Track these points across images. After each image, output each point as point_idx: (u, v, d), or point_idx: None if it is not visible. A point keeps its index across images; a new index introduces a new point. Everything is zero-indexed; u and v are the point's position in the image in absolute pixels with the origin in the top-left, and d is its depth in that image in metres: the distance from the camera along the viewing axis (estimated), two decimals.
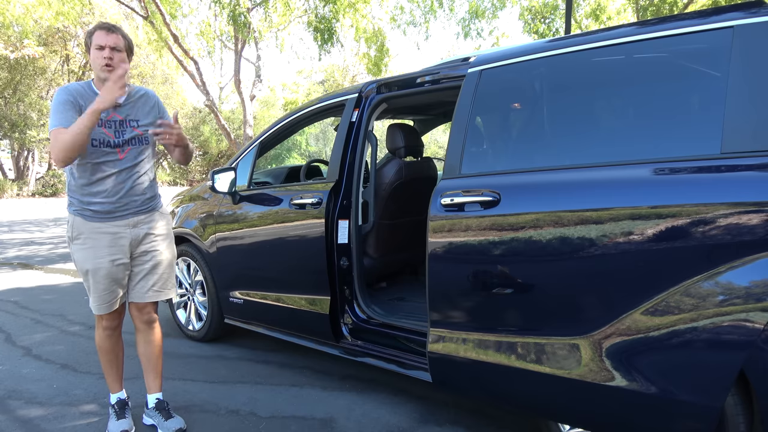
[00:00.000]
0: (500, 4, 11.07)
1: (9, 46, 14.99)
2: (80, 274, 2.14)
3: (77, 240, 2.10)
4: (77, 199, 2.08)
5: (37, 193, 20.12)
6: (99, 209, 2.07)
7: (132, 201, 2.13)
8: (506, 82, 1.97)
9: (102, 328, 2.22)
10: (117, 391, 2.30)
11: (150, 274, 2.21)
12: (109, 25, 2.04)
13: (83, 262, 2.10)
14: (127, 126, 2.10)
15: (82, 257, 2.09)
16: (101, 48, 1.99)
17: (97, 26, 2.04)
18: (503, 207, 1.74)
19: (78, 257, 2.11)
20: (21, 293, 4.80)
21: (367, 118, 2.59)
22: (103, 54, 1.99)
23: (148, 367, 2.31)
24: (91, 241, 2.08)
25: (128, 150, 2.10)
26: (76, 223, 2.09)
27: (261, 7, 9.41)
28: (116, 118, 2.08)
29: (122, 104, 2.09)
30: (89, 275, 2.10)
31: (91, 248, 2.08)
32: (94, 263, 2.08)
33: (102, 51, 2.00)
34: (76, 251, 2.11)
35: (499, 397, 1.87)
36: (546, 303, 1.67)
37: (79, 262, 2.11)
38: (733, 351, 1.34)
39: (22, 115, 19.02)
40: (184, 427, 2.22)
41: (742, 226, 1.33)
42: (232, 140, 9.60)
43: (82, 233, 2.08)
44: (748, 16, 1.48)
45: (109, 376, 2.29)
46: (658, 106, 1.61)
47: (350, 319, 2.58)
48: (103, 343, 2.24)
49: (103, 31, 2.01)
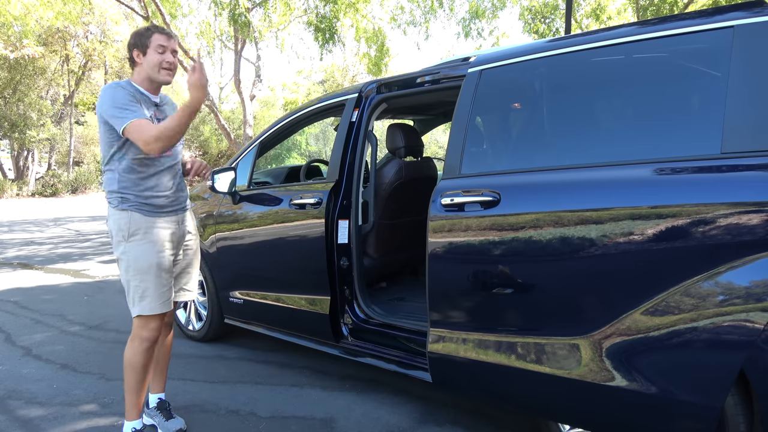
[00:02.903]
0: (500, 4, 11.07)
1: (9, 46, 14.99)
2: (136, 272, 2.01)
3: (135, 236, 2.02)
4: (134, 194, 2.02)
5: (36, 193, 20.11)
6: (158, 203, 2.06)
7: (180, 197, 2.17)
8: (506, 82, 1.97)
9: (141, 339, 2.03)
10: (135, 417, 2.09)
11: (183, 272, 2.24)
12: (168, 30, 2.08)
13: (144, 258, 2.00)
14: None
15: (145, 252, 2.01)
16: (163, 50, 2.01)
17: (152, 28, 2.05)
18: (503, 207, 1.74)
19: (137, 253, 2.01)
20: (21, 293, 4.80)
21: (367, 118, 2.59)
22: (166, 57, 2.03)
23: (156, 368, 2.30)
24: (151, 235, 2.03)
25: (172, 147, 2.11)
26: (134, 219, 2.02)
27: (261, 7, 9.41)
28: (159, 117, 2.10)
29: (159, 104, 2.13)
30: (151, 271, 2.01)
31: (153, 242, 2.03)
32: (158, 257, 2.03)
33: (164, 54, 2.02)
34: (134, 248, 2.01)
35: (499, 397, 1.87)
36: (546, 303, 1.67)
37: (138, 258, 2.00)
38: (733, 351, 1.34)
39: (22, 115, 19.00)
40: (184, 427, 2.22)
41: (742, 226, 1.33)
42: (232, 140, 9.61)
43: (140, 228, 2.02)
44: (749, 16, 1.48)
45: (133, 398, 2.06)
46: (659, 106, 1.61)
47: (350, 319, 2.57)
48: (139, 358, 2.03)
49: (163, 35, 2.03)
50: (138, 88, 2.05)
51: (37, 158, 22.21)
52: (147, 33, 2.03)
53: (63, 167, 23.42)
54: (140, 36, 2.03)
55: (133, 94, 1.99)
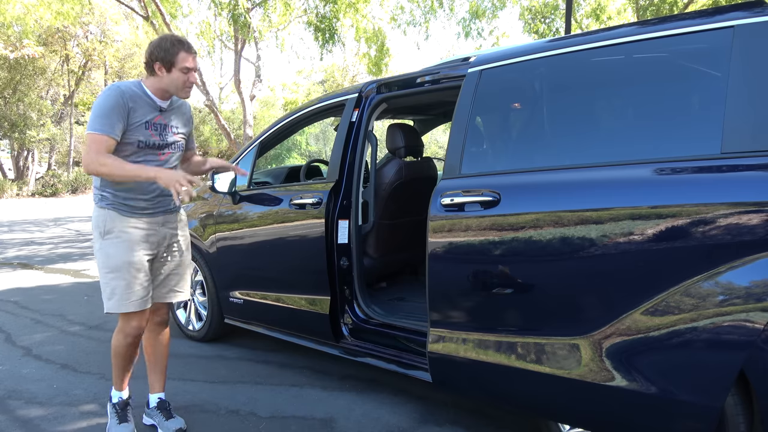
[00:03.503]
0: (500, 4, 11.07)
1: (9, 46, 14.99)
2: (108, 270, 2.04)
3: (110, 234, 2.04)
4: (111, 193, 2.04)
5: (36, 193, 20.11)
6: (136, 205, 2.06)
7: (164, 200, 2.15)
8: (506, 82, 1.97)
9: (125, 333, 2.10)
10: (121, 389, 2.25)
11: (172, 274, 2.23)
12: (193, 48, 2.07)
13: (118, 256, 2.02)
14: (169, 131, 2.14)
15: (118, 251, 2.02)
16: (188, 71, 2.03)
17: (178, 45, 2.01)
18: (503, 207, 1.74)
19: (111, 251, 2.03)
20: (21, 293, 4.80)
21: (367, 118, 2.59)
22: (191, 78, 2.05)
23: (155, 367, 2.31)
24: (126, 234, 2.04)
25: (168, 153, 2.15)
26: (110, 217, 2.04)
27: (261, 7, 9.41)
28: (161, 122, 2.10)
29: (166, 109, 2.12)
30: (124, 269, 2.02)
31: (127, 242, 2.04)
32: (130, 256, 2.04)
33: (189, 74, 2.04)
34: (109, 245, 2.04)
35: (499, 397, 1.87)
36: (546, 303, 1.67)
37: (112, 256, 2.02)
38: (733, 351, 1.34)
39: (22, 115, 19.00)
40: (184, 427, 2.22)
41: (742, 226, 1.33)
42: (232, 140, 9.61)
43: (115, 227, 2.04)
44: (749, 16, 1.48)
45: (118, 376, 2.21)
46: (659, 106, 1.61)
47: (350, 319, 2.58)
48: (122, 349, 2.13)
49: (190, 55, 2.03)
50: (146, 91, 2.05)
51: (37, 158, 22.21)
52: (173, 50, 2.00)
53: (63, 167, 23.42)
54: (166, 52, 1.99)
55: (127, 99, 1.97)
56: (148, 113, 2.05)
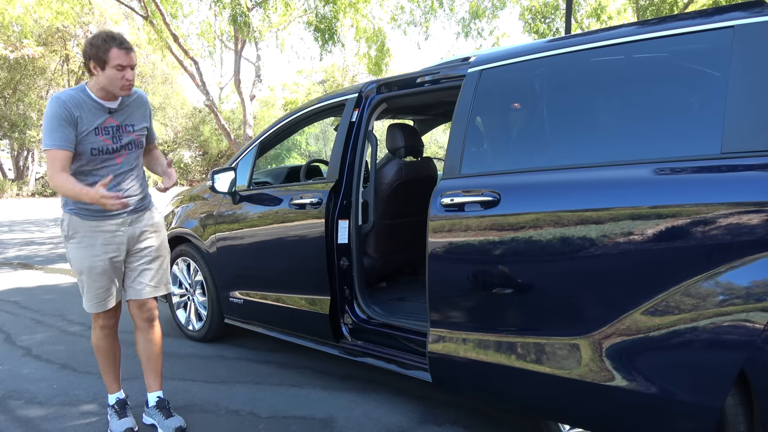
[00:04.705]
0: (500, 4, 11.08)
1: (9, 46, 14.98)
2: (75, 272, 2.14)
3: (73, 239, 2.10)
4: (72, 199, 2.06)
5: (36, 193, 20.12)
6: (96, 208, 2.06)
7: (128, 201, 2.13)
8: (506, 82, 1.97)
9: (99, 327, 2.23)
10: (115, 391, 2.30)
11: (147, 270, 2.23)
12: (126, 43, 1.99)
13: (80, 261, 2.10)
14: (124, 131, 2.11)
15: (79, 255, 2.09)
16: (122, 68, 1.97)
17: (110, 41, 1.94)
18: (503, 207, 1.74)
19: (74, 255, 2.11)
20: (21, 293, 4.80)
21: (367, 118, 2.59)
22: (126, 75, 1.98)
23: (149, 366, 2.31)
24: (88, 239, 2.09)
25: (125, 155, 2.13)
26: (73, 222, 2.09)
27: (261, 7, 9.41)
28: (113, 124, 2.07)
29: (117, 109, 2.08)
30: (85, 273, 2.10)
31: (88, 246, 2.09)
32: (91, 261, 2.09)
33: (123, 71, 1.98)
34: (72, 250, 2.11)
35: (499, 397, 1.87)
36: (546, 303, 1.67)
37: (75, 260, 2.11)
38: (733, 351, 1.34)
39: (22, 115, 19.01)
40: (184, 425, 2.22)
41: (742, 226, 1.33)
42: (232, 140, 9.61)
43: (78, 231, 2.09)
44: (749, 16, 1.48)
45: (107, 376, 2.28)
46: (659, 106, 1.61)
47: (350, 319, 2.57)
48: (100, 343, 2.25)
49: (122, 51, 1.95)
50: (91, 96, 2.01)
51: (37, 158, 22.21)
52: (104, 46, 1.93)
53: None
54: (97, 49, 1.93)
55: (70, 108, 1.94)
56: (96, 118, 2.01)
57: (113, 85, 1.99)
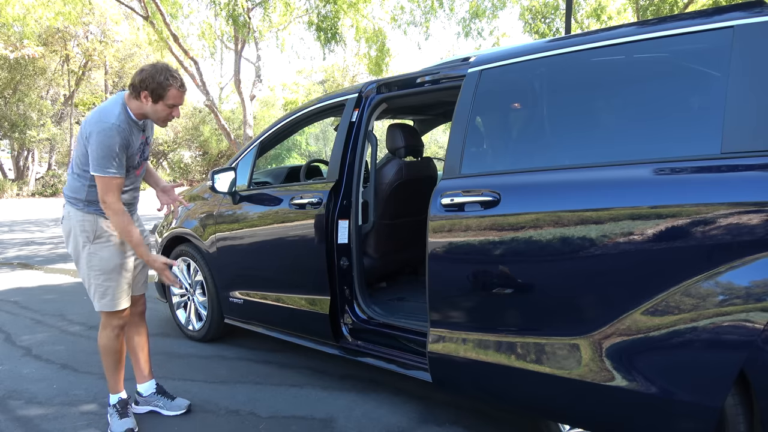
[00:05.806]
0: (500, 4, 11.07)
1: (9, 46, 14.99)
2: (101, 272, 2.13)
3: (100, 238, 2.14)
4: (96, 200, 2.11)
5: (37, 193, 20.11)
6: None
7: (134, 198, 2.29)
8: (506, 82, 1.97)
9: (112, 327, 2.22)
10: (119, 391, 2.30)
11: (145, 266, 2.35)
12: (185, 86, 2.06)
13: (109, 260, 2.14)
14: (146, 145, 2.21)
15: (108, 254, 2.14)
16: (174, 107, 2.06)
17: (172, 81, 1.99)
18: (503, 207, 1.74)
19: (103, 255, 2.14)
20: (21, 293, 4.80)
21: (367, 118, 2.59)
22: (173, 113, 2.08)
23: (141, 356, 2.39)
24: (115, 238, 2.16)
25: (142, 166, 2.25)
26: (99, 223, 2.14)
27: (261, 7, 9.41)
28: (143, 141, 2.17)
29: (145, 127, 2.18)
30: (115, 271, 2.15)
31: (117, 245, 2.16)
32: (123, 258, 2.17)
33: (173, 110, 2.06)
34: (100, 249, 2.14)
35: (499, 397, 1.87)
36: (546, 303, 1.67)
37: (104, 259, 2.13)
38: (733, 351, 1.34)
39: (22, 115, 19.00)
40: (190, 405, 2.33)
41: (742, 226, 1.33)
42: (232, 140, 9.61)
43: (105, 231, 2.14)
44: (749, 16, 1.48)
45: (114, 376, 2.28)
46: (659, 106, 1.61)
47: (350, 319, 2.57)
48: (112, 343, 2.23)
49: (180, 93, 2.03)
50: (131, 116, 2.07)
51: (37, 158, 22.21)
52: (165, 84, 1.98)
53: (63, 167, 23.41)
54: (158, 85, 1.98)
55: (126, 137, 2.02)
56: (137, 139, 2.11)
57: (157, 117, 2.07)
